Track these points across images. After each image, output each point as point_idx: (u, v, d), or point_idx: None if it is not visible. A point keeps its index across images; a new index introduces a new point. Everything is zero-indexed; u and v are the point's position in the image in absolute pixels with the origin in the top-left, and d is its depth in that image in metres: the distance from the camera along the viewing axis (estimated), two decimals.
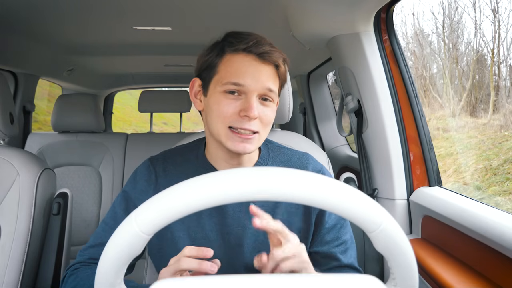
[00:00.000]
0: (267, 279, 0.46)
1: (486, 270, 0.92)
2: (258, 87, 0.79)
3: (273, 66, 0.83)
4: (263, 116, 0.81)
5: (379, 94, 1.32)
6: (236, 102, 0.79)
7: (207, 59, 0.84)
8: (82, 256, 0.88)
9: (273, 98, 0.83)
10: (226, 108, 0.79)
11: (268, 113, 0.82)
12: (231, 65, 0.81)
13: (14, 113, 1.38)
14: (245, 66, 0.80)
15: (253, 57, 0.80)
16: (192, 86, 0.90)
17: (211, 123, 0.83)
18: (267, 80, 0.80)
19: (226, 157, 0.87)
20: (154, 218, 0.47)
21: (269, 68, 0.82)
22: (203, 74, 0.86)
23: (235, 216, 0.86)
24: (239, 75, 0.79)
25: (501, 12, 4.62)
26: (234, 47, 0.81)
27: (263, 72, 0.80)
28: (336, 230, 0.89)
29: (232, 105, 0.79)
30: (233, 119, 0.79)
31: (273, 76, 0.82)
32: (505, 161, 3.61)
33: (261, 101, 0.81)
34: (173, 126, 11.46)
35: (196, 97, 0.89)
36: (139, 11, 1.59)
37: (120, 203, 0.90)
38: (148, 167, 0.91)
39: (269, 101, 0.82)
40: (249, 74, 0.79)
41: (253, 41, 0.80)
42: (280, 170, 0.48)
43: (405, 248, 0.49)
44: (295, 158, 0.94)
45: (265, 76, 0.80)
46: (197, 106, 0.90)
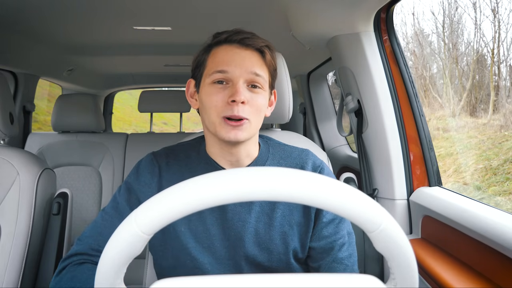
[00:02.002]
0: (267, 279, 0.46)
1: (486, 270, 0.93)
2: (243, 72, 0.81)
3: (257, 52, 0.85)
4: (252, 102, 0.82)
5: (379, 94, 1.32)
6: (224, 90, 0.82)
7: (197, 59, 0.89)
8: (81, 246, 0.86)
9: (262, 85, 0.84)
10: (215, 98, 0.81)
11: (258, 100, 0.83)
12: (216, 56, 0.84)
13: (14, 113, 1.38)
14: (229, 54, 0.83)
15: (235, 45, 0.84)
16: (187, 88, 0.93)
17: (206, 117, 0.85)
18: (251, 65, 0.82)
19: (223, 153, 0.88)
20: (154, 218, 0.47)
21: (253, 54, 0.84)
22: (195, 73, 0.89)
23: (235, 211, 0.86)
24: (223, 63, 0.82)
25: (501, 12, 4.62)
26: (217, 39, 0.86)
27: (246, 58, 0.83)
28: (334, 225, 0.89)
29: (221, 94, 0.81)
30: (224, 108, 0.80)
31: (258, 62, 0.84)
32: (505, 161, 3.61)
33: (250, 88, 0.83)
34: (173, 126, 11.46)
35: (192, 97, 0.92)
36: (139, 11, 1.59)
37: (123, 193, 0.89)
38: (151, 160, 0.92)
39: (258, 88, 0.83)
40: (232, 61, 0.82)
41: (234, 32, 0.84)
42: (280, 170, 0.48)
43: (405, 248, 0.49)
44: (295, 154, 0.94)
45: (249, 61, 0.83)
46: (193, 106, 0.92)
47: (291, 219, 0.88)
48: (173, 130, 11.00)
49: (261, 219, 0.87)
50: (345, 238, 0.90)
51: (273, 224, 0.87)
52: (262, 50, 0.85)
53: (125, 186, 0.91)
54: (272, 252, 0.86)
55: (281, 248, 0.87)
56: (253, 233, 0.86)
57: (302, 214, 0.89)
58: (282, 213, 0.87)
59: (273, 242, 0.86)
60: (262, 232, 0.86)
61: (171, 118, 11.69)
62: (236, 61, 0.82)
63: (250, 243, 0.86)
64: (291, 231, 0.87)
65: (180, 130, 3.03)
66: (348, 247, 0.90)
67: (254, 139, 0.90)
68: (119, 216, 0.85)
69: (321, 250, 0.89)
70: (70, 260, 0.85)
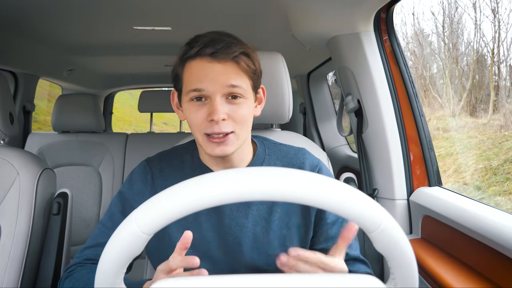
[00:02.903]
0: (267, 279, 0.46)
1: (486, 270, 0.92)
2: (218, 87, 0.77)
3: (232, 61, 0.79)
4: (234, 115, 0.79)
5: (379, 94, 1.32)
6: (203, 107, 0.79)
7: (174, 70, 0.85)
8: (79, 258, 0.88)
9: (242, 94, 0.80)
10: (195, 116, 0.79)
11: (240, 111, 0.79)
12: (190, 72, 0.80)
13: (14, 113, 1.38)
14: (201, 70, 0.78)
15: (207, 59, 0.78)
16: (172, 99, 0.90)
17: (192, 132, 0.83)
18: (227, 78, 0.78)
19: (216, 162, 0.88)
20: (154, 218, 0.47)
21: (227, 66, 0.78)
22: (175, 85, 0.86)
23: (232, 216, 0.86)
24: (197, 81, 0.78)
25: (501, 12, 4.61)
26: (189, 53, 0.80)
27: (220, 71, 0.78)
28: (339, 224, 0.88)
29: (200, 111, 0.79)
30: (204, 125, 0.79)
31: (234, 72, 0.79)
32: (505, 161, 3.61)
33: (230, 100, 0.79)
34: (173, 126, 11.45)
35: (178, 108, 0.89)
36: (139, 11, 1.59)
37: (117, 204, 0.90)
38: (144, 168, 0.91)
39: (239, 98, 0.79)
40: (205, 77, 0.78)
41: (204, 43, 0.78)
42: (279, 170, 0.48)
43: (405, 248, 0.49)
44: (291, 154, 0.93)
45: (223, 74, 0.78)
46: (180, 117, 0.89)
47: (289, 221, 0.87)
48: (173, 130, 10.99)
49: (259, 223, 0.86)
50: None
51: (271, 228, 0.86)
52: (236, 59, 0.79)
53: (118, 196, 0.91)
54: (271, 256, 0.85)
55: (280, 252, 0.86)
56: (251, 237, 0.85)
57: (301, 216, 0.88)
58: (279, 216, 0.87)
59: (271, 245, 0.85)
60: (260, 236, 0.85)
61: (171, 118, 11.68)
62: (209, 76, 0.77)
63: (248, 247, 0.85)
64: (289, 234, 0.87)
65: (180, 130, 3.03)
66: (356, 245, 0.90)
67: (246, 144, 0.89)
68: (115, 227, 0.85)
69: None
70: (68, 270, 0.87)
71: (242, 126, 0.81)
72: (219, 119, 0.76)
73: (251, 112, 0.83)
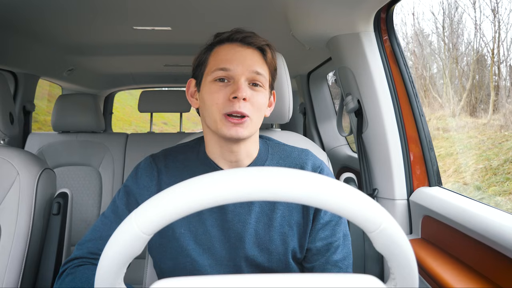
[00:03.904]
0: (267, 279, 0.46)
1: (486, 270, 0.92)
2: (244, 70, 0.82)
3: (258, 50, 0.86)
4: (253, 100, 0.82)
5: (379, 94, 1.32)
6: (226, 88, 0.82)
7: (198, 58, 0.89)
8: (80, 250, 0.87)
9: (263, 84, 0.85)
10: (217, 95, 0.82)
11: (258, 98, 0.83)
12: (218, 55, 0.85)
13: (14, 113, 1.38)
14: (231, 52, 0.84)
15: (237, 43, 0.85)
16: (188, 87, 0.93)
17: (207, 115, 0.85)
18: (253, 63, 0.83)
19: (223, 153, 0.88)
20: (154, 218, 0.47)
21: (254, 52, 0.85)
22: (196, 72, 0.90)
23: (235, 212, 0.86)
24: (225, 61, 0.83)
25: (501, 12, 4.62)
26: (219, 38, 0.87)
27: (248, 56, 0.84)
28: (331, 227, 0.89)
29: (223, 91, 0.82)
30: (226, 104, 0.81)
31: (259, 61, 0.85)
32: (505, 161, 3.61)
33: (251, 86, 0.83)
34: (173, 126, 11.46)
35: (192, 96, 0.92)
36: (139, 11, 1.59)
37: (122, 197, 0.90)
38: (150, 163, 0.92)
39: (259, 87, 0.84)
40: (235, 59, 0.83)
41: (234, 31, 0.86)
42: (279, 170, 0.48)
43: (405, 248, 0.49)
44: (294, 154, 0.94)
45: (250, 60, 0.83)
46: (194, 105, 0.92)
47: (290, 219, 0.88)
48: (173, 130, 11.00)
49: (261, 219, 0.87)
50: (340, 240, 0.90)
51: (273, 225, 0.86)
52: (263, 49, 0.86)
53: (124, 189, 0.91)
54: (272, 252, 0.86)
55: (281, 249, 0.87)
56: (253, 234, 0.86)
57: (301, 214, 0.89)
58: (282, 213, 0.87)
59: (273, 242, 0.86)
60: (262, 232, 0.86)
61: (171, 118, 11.69)
62: (238, 59, 0.83)
63: (250, 244, 0.86)
64: (290, 232, 0.87)
65: (180, 130, 3.03)
66: (343, 249, 0.90)
67: (255, 138, 0.90)
68: (119, 220, 0.85)
69: (316, 252, 0.89)
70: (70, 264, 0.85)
71: (258, 113, 0.84)
72: (242, 97, 0.79)
73: (266, 103, 0.88)
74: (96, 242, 0.86)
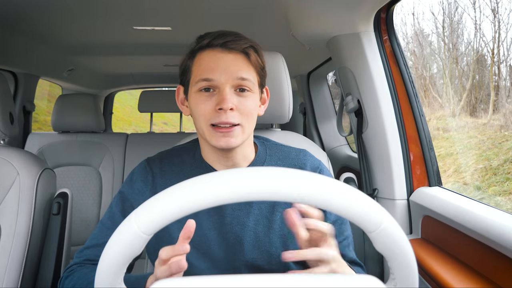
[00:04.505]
0: (267, 279, 0.46)
1: (486, 270, 0.92)
2: (228, 78, 0.79)
3: (242, 54, 0.82)
4: (241, 107, 0.80)
5: (379, 94, 1.32)
6: (211, 98, 0.80)
7: (182, 65, 0.87)
8: (79, 258, 0.88)
9: (250, 88, 0.82)
10: (203, 106, 0.80)
11: (247, 104, 0.81)
12: (200, 63, 0.82)
13: (14, 113, 1.38)
14: (212, 60, 0.81)
15: (218, 49, 0.81)
16: (177, 95, 0.91)
17: (196, 124, 0.84)
18: (237, 70, 0.80)
19: (219, 158, 0.87)
20: (154, 218, 0.47)
21: (237, 57, 0.81)
22: (182, 79, 0.88)
23: (234, 215, 0.86)
24: (208, 70, 0.80)
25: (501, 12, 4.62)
26: (200, 44, 0.83)
27: (231, 62, 0.80)
28: (338, 225, 0.89)
29: (208, 101, 0.80)
30: (212, 115, 0.79)
31: (244, 65, 0.81)
32: (505, 161, 3.61)
33: (238, 92, 0.81)
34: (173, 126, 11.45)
35: (183, 104, 0.90)
36: (139, 11, 1.59)
37: (117, 204, 0.90)
38: (144, 167, 0.91)
39: (247, 91, 0.81)
40: (217, 67, 0.80)
41: (215, 35, 0.82)
42: (279, 170, 0.48)
43: (405, 248, 0.49)
44: (292, 155, 0.94)
45: (234, 66, 0.80)
46: (185, 112, 0.90)
47: None
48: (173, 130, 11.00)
49: (261, 222, 0.86)
50: (349, 238, 0.90)
51: (272, 227, 0.86)
52: (246, 52, 0.82)
53: (119, 195, 0.91)
54: (272, 255, 0.85)
55: (281, 251, 0.86)
56: (252, 236, 0.85)
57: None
58: (281, 215, 0.86)
59: (273, 245, 0.85)
60: (262, 235, 0.85)
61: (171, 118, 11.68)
62: (220, 67, 0.79)
63: (249, 246, 0.85)
64: (290, 234, 0.87)
65: (180, 130, 3.03)
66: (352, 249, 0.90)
67: (249, 141, 0.89)
68: (115, 227, 0.85)
69: None
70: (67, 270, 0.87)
71: (248, 119, 0.82)
72: (228, 108, 0.77)
73: (256, 107, 0.85)
74: (93, 249, 0.87)
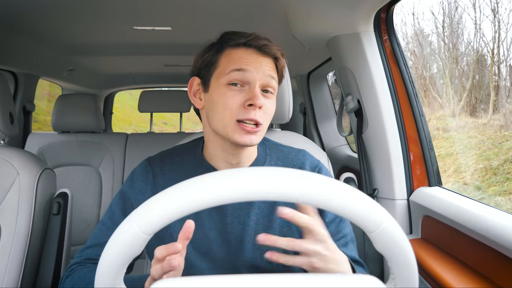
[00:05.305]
0: (266, 279, 0.46)
1: (486, 270, 0.92)
2: (260, 76, 0.81)
3: (272, 58, 0.85)
4: (266, 108, 0.82)
5: (379, 94, 1.32)
6: (240, 93, 0.80)
7: (206, 58, 0.86)
8: (79, 257, 0.88)
9: (274, 91, 0.85)
10: (231, 100, 0.80)
11: (270, 105, 0.84)
12: (233, 57, 0.82)
13: (14, 113, 1.38)
14: (246, 57, 0.82)
15: (253, 50, 0.83)
16: (191, 86, 0.90)
17: (216, 118, 0.83)
18: (268, 70, 0.82)
19: (226, 156, 0.87)
20: (154, 218, 0.47)
21: (269, 61, 0.84)
22: (202, 72, 0.87)
23: (235, 214, 0.86)
24: (242, 63, 0.81)
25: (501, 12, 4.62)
26: (234, 41, 0.83)
27: (263, 63, 0.83)
28: (336, 224, 0.89)
29: (237, 96, 0.80)
30: (240, 111, 0.79)
31: (273, 68, 0.85)
32: (505, 161, 3.61)
33: (263, 93, 0.83)
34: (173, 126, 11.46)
35: (195, 96, 0.90)
36: (139, 11, 1.59)
37: (118, 203, 0.90)
38: (145, 167, 0.91)
39: (270, 93, 0.84)
40: (251, 62, 0.81)
41: (252, 36, 0.83)
42: (279, 170, 0.48)
43: (405, 248, 0.49)
44: (292, 155, 0.94)
45: (266, 66, 0.82)
46: (197, 105, 0.90)
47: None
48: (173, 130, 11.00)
49: (261, 221, 0.86)
50: (348, 236, 0.90)
51: (272, 226, 0.86)
52: (277, 57, 0.85)
53: (119, 195, 0.91)
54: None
55: (281, 250, 0.86)
56: (253, 236, 0.85)
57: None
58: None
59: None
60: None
61: (171, 118, 11.69)
62: (254, 64, 0.81)
63: (249, 246, 0.85)
64: (290, 233, 0.87)
65: (180, 130, 3.03)
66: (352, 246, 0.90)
67: None
68: (115, 226, 0.85)
69: None
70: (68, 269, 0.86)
71: (268, 120, 0.84)
72: (258, 105, 0.79)
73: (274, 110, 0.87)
74: (94, 249, 0.87)
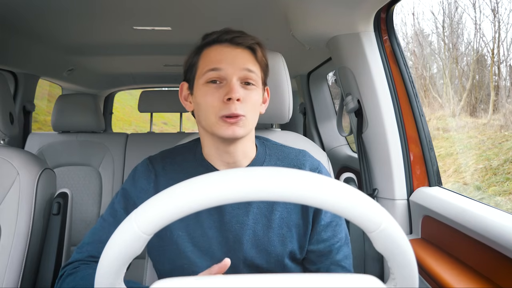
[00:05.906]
0: (266, 279, 0.46)
1: (486, 270, 0.92)
2: (236, 69, 0.82)
3: (248, 49, 0.85)
4: (247, 99, 0.82)
5: (379, 94, 1.32)
6: (219, 90, 0.82)
7: (188, 61, 0.89)
8: (80, 254, 0.87)
9: (255, 81, 0.84)
10: (212, 98, 0.81)
11: (252, 96, 0.83)
12: (208, 56, 0.84)
13: (14, 113, 1.38)
14: (220, 53, 0.83)
15: (226, 44, 0.84)
16: (181, 91, 0.92)
17: (202, 118, 0.84)
18: (244, 62, 0.83)
19: (220, 155, 0.88)
20: (154, 218, 0.47)
21: (244, 52, 0.85)
22: (187, 76, 0.90)
23: (233, 213, 0.86)
24: (216, 61, 0.82)
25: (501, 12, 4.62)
26: (206, 40, 0.86)
27: (238, 55, 0.83)
28: (332, 227, 0.89)
29: (216, 93, 0.81)
30: (221, 107, 0.80)
31: (250, 59, 0.85)
32: (505, 161, 3.61)
33: (244, 85, 0.83)
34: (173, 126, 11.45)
35: (186, 100, 0.92)
36: (139, 11, 1.59)
37: (120, 200, 0.90)
38: (147, 165, 0.92)
39: (251, 85, 0.84)
40: (224, 59, 0.82)
41: (222, 32, 0.85)
42: (278, 170, 0.48)
43: (405, 248, 0.49)
44: (292, 155, 0.94)
45: (241, 59, 0.83)
46: (188, 108, 0.91)
47: (289, 220, 0.87)
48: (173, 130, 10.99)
49: (259, 221, 0.86)
50: (342, 240, 0.91)
51: (271, 226, 0.86)
52: (252, 48, 0.86)
53: (122, 192, 0.91)
54: (270, 254, 0.86)
55: (279, 250, 0.87)
56: (251, 235, 0.86)
57: (300, 215, 0.88)
58: (280, 215, 0.87)
59: (271, 244, 0.86)
60: (261, 234, 0.86)
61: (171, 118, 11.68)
62: (228, 59, 0.82)
63: (248, 245, 0.85)
64: (289, 233, 0.87)
65: (180, 130, 3.03)
66: (345, 249, 0.91)
67: (251, 137, 0.90)
68: (117, 224, 0.84)
69: (320, 254, 0.89)
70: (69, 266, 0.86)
71: (252, 112, 0.84)
72: (236, 98, 0.79)
73: (260, 101, 0.87)
74: (95, 245, 0.87)
